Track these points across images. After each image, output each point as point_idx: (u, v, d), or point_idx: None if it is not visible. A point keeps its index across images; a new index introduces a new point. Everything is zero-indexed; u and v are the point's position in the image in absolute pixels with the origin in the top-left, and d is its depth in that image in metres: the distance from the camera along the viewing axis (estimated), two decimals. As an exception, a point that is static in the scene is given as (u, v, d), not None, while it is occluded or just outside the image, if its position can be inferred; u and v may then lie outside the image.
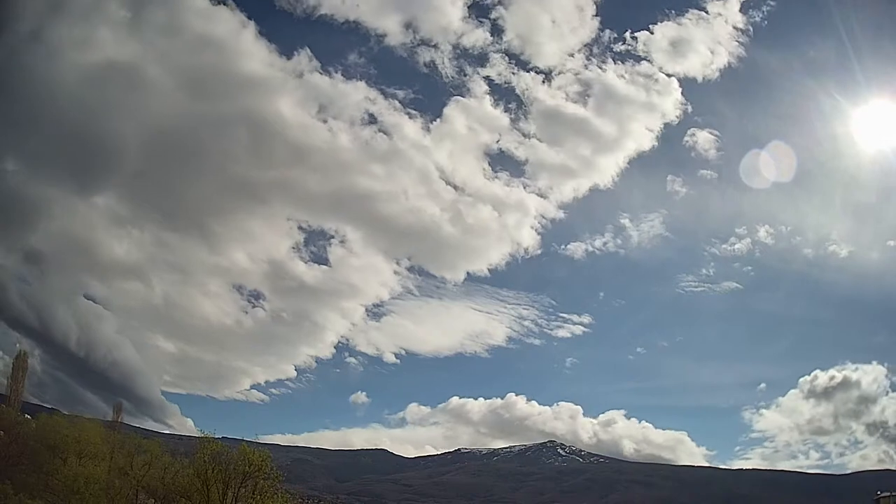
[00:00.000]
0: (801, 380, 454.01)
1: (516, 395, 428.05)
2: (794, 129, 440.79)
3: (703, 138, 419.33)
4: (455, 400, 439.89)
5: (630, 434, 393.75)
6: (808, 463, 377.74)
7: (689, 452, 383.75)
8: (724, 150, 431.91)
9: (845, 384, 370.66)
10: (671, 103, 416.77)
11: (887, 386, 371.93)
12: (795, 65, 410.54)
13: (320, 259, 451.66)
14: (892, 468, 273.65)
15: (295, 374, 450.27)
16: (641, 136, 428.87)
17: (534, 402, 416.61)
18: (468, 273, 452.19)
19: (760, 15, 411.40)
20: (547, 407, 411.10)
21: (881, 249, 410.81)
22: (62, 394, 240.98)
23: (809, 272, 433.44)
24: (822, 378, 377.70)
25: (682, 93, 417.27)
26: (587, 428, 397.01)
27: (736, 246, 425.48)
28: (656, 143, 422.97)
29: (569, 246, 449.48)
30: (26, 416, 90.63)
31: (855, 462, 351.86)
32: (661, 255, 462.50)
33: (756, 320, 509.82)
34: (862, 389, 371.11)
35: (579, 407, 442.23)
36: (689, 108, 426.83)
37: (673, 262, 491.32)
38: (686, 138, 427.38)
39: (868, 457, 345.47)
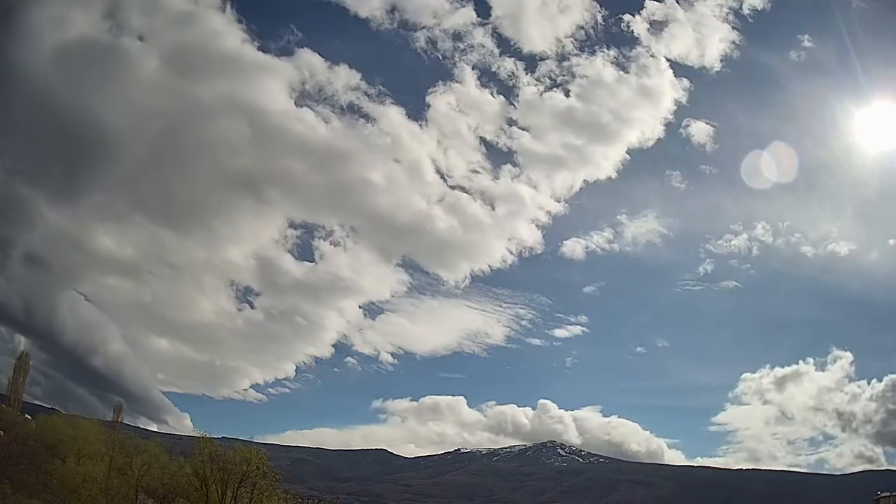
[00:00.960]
0: (746, 374, 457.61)
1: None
2: (795, 129, 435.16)
3: (702, 133, 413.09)
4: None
5: (565, 421, 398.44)
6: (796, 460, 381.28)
7: (638, 441, 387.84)
8: (725, 147, 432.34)
9: (807, 376, 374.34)
10: (668, 94, 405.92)
11: (852, 372, 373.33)
12: (797, 65, 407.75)
13: (316, 256, 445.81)
14: (893, 468, 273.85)
15: (293, 373, 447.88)
16: (638, 128, 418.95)
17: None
18: (465, 271, 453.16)
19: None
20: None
21: (882, 250, 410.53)
22: (53, 390, 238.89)
23: (810, 272, 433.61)
24: (784, 372, 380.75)
25: (679, 85, 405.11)
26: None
27: (734, 244, 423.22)
28: (653, 137, 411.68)
29: (566, 243, 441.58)
30: (26, 416, 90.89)
31: (832, 458, 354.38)
32: (658, 252, 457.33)
33: (754, 319, 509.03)
34: (825, 381, 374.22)
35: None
36: (688, 101, 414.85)
37: (670, 260, 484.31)
38: (683, 131, 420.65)
39: (843, 454, 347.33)
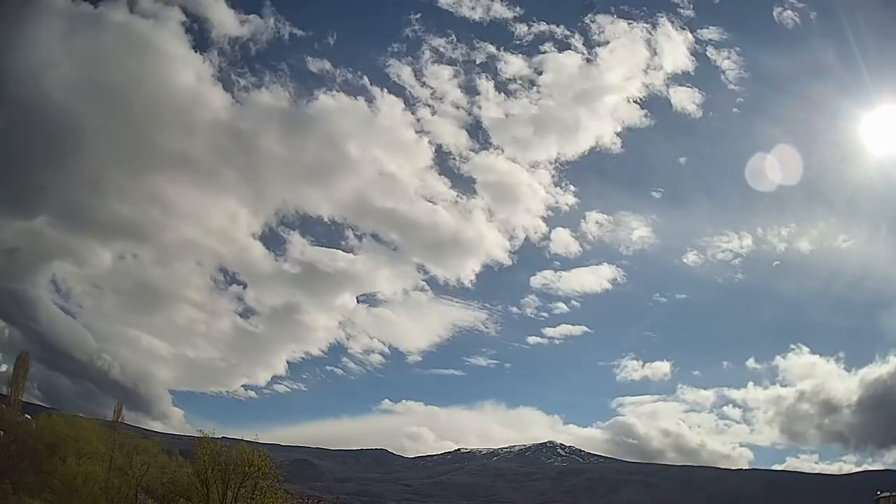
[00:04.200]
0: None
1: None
2: (800, 132, 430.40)
3: (693, 108, 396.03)
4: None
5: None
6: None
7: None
8: (728, 147, 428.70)
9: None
10: (672, 58, 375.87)
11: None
12: (801, 67, 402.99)
13: (307, 250, 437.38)
14: (893, 468, 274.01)
15: (285, 371, 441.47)
16: (632, 104, 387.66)
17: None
18: (459, 266, 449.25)
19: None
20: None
21: (883, 250, 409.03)
22: (46, 387, 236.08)
23: (810, 273, 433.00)
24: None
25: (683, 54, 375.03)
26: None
27: (731, 244, 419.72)
28: (648, 119, 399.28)
29: (557, 233, 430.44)
30: (26, 416, 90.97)
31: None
32: (653, 249, 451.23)
33: (753, 320, 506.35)
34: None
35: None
36: (689, 76, 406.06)
37: (667, 258, 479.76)
38: (680, 114, 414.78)
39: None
